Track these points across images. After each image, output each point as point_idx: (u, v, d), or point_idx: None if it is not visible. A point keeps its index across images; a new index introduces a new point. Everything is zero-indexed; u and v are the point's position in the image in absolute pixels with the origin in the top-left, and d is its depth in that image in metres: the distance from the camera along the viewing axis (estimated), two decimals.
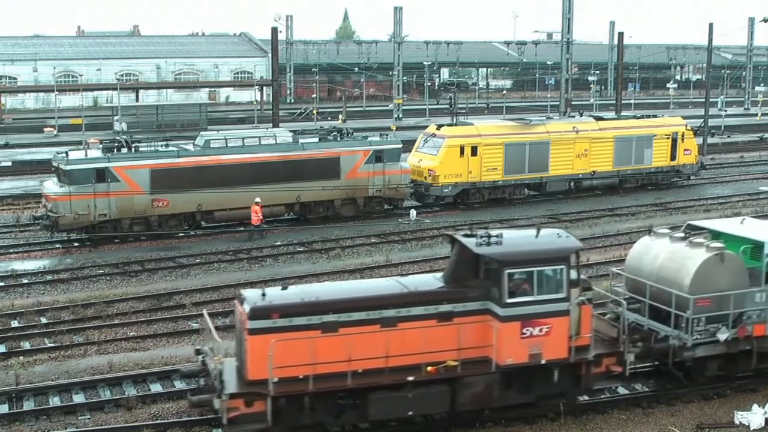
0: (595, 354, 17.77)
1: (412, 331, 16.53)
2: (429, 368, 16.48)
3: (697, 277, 18.52)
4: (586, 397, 19.15)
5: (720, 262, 18.71)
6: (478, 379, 16.97)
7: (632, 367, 18.55)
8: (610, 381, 19.06)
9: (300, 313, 16.24)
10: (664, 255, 19.57)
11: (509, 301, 16.69)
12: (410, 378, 16.43)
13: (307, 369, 15.93)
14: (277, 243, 34.57)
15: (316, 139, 39.40)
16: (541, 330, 16.85)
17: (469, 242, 17.31)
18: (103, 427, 18.18)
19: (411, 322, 16.62)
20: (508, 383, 17.42)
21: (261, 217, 35.38)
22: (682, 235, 20.03)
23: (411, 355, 16.44)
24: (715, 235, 20.67)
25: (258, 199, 35.33)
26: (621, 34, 77.58)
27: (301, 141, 38.39)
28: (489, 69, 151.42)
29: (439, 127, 43.81)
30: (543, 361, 17.02)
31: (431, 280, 17.99)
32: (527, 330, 16.78)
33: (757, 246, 19.74)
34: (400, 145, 40.54)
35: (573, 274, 17.33)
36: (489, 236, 17.32)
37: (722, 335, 18.83)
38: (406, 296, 16.99)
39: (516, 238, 17.96)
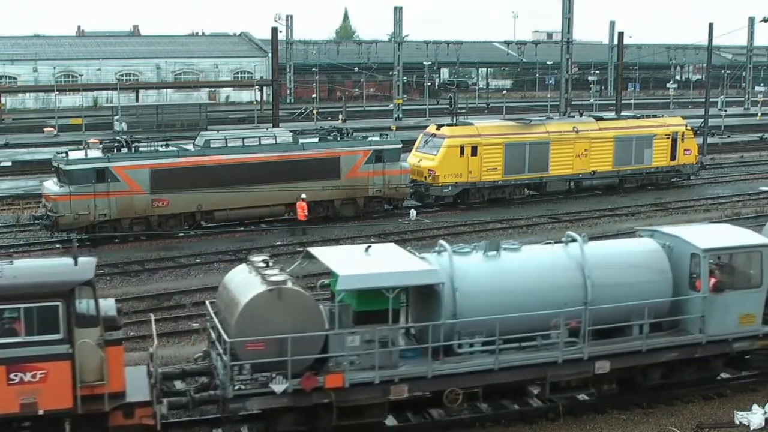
0: (126, 404, 15.39)
1: None
2: None
3: (245, 316, 15.61)
4: (585, 397, 19.18)
5: (277, 299, 15.69)
6: None
7: (166, 420, 16.28)
8: None
9: None
10: (234, 288, 16.76)
11: None
12: None
13: None
14: (277, 243, 34.56)
15: (316, 139, 39.43)
16: (34, 376, 14.67)
17: None
18: None
19: None
20: None
21: (306, 213, 35.36)
22: (263, 264, 17.07)
23: None
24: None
25: (303, 195, 35.39)
26: (621, 34, 77.48)
27: (301, 141, 38.39)
28: (489, 69, 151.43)
29: (439, 127, 43.81)
30: (40, 412, 14.76)
31: None
32: (16, 375, 14.64)
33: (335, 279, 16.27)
34: (400, 145, 40.55)
35: (87, 310, 15.08)
36: None
37: (278, 386, 15.76)
38: None
39: (21, 269, 15.58)
